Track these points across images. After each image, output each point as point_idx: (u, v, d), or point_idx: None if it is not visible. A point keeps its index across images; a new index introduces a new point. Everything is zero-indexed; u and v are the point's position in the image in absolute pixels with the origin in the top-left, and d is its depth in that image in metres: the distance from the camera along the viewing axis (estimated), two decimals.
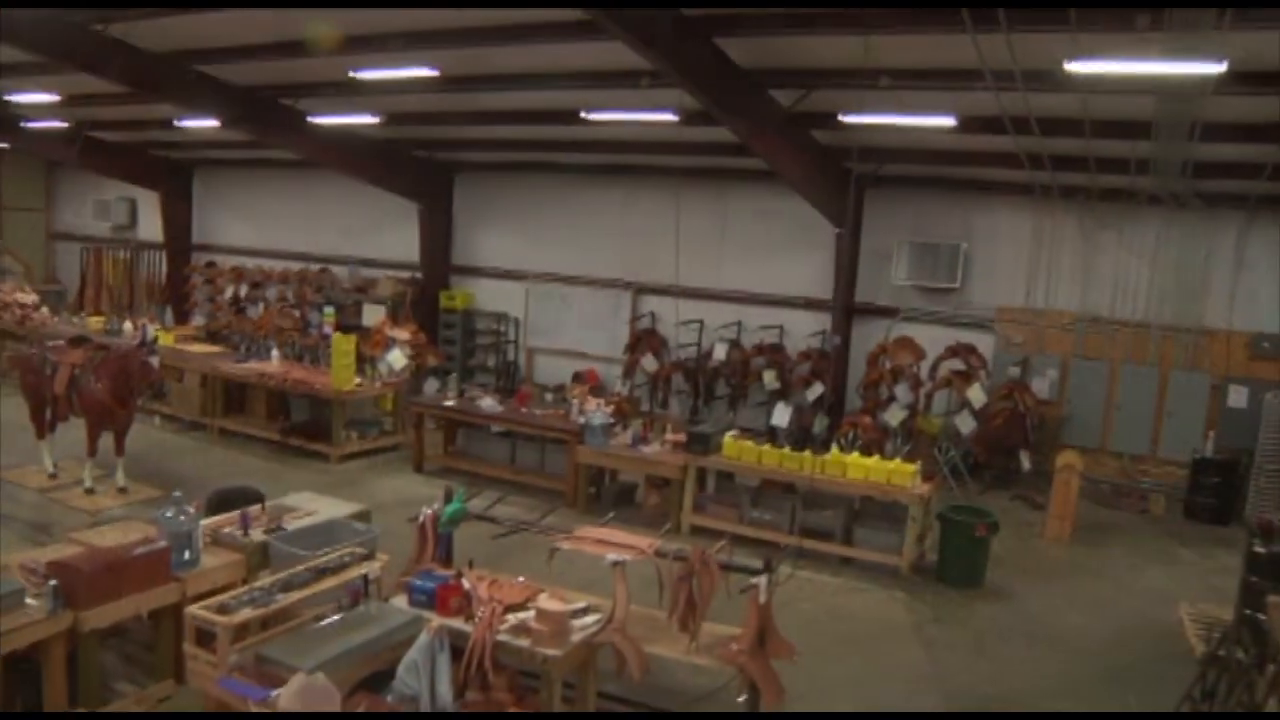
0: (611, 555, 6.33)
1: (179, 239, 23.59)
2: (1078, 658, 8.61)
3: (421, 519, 7.04)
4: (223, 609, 5.52)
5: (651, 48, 10.10)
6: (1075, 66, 8.68)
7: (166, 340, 15.60)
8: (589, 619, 6.38)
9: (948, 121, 11.60)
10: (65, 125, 19.61)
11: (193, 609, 5.58)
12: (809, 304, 16.28)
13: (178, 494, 6.98)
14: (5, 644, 5.70)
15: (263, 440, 14.24)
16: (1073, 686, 8.05)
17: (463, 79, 13.16)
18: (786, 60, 11.47)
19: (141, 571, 6.31)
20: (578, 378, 16.49)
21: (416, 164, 18.89)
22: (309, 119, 15.81)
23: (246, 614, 5.53)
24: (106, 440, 11.36)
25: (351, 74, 12.57)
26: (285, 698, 3.02)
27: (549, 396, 15.09)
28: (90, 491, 11.14)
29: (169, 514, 6.73)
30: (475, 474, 12.69)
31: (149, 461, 12.50)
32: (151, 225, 24.05)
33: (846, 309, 15.67)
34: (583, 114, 13.34)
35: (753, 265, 16.75)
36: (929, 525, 10.68)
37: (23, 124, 19.94)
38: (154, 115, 17.86)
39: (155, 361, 10.93)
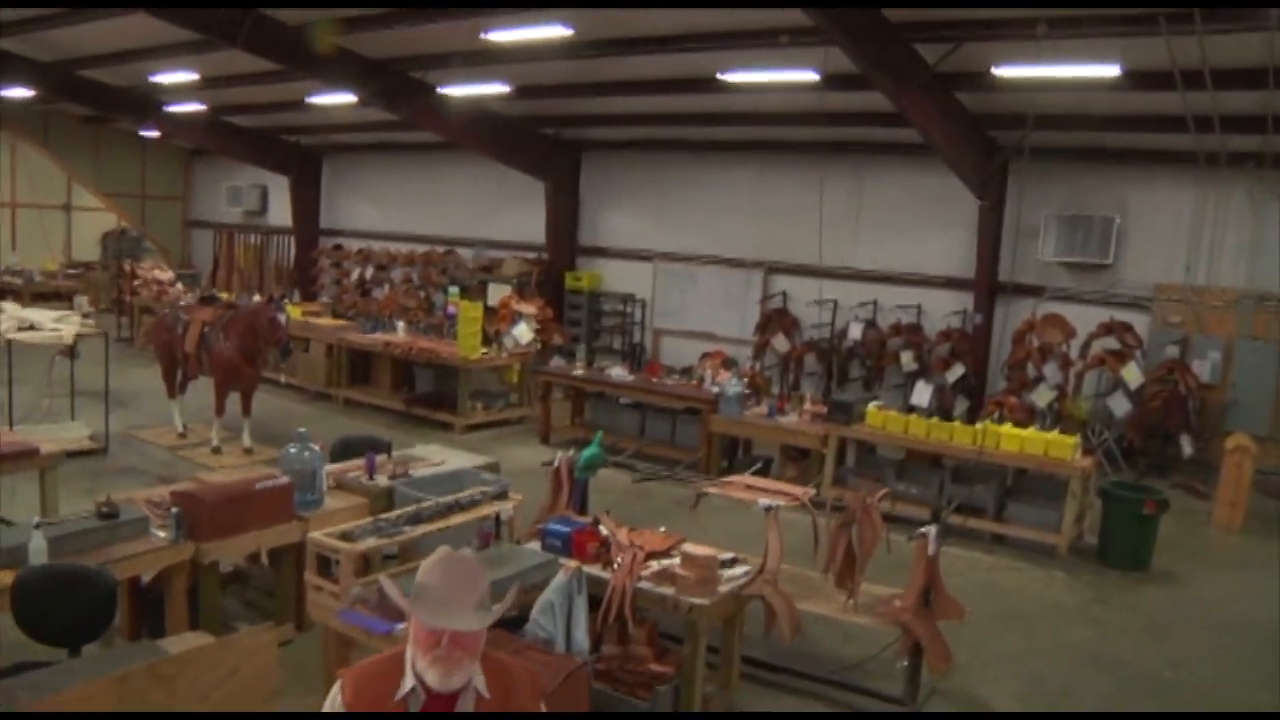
0: (764, 500, 5.80)
1: (307, 223, 23.88)
2: (1269, 649, 7.70)
3: (557, 463, 6.63)
4: (346, 537, 5.18)
5: None
6: None
7: (294, 314, 15.62)
8: (738, 570, 5.86)
9: (1111, 70, 10.63)
10: (202, 108, 19.90)
11: (316, 534, 5.25)
12: (949, 282, 15.47)
13: (303, 430, 6.70)
14: (129, 568, 5.54)
15: (387, 410, 14.07)
16: (1270, 679, 7.19)
17: (596, 42, 12.76)
18: (938, 11, 10.77)
19: (264, 506, 6.04)
20: (706, 358, 15.99)
21: (543, 142, 18.62)
22: (439, 90, 15.61)
23: (371, 543, 5.18)
24: (234, 403, 11.31)
25: (484, 35, 12.25)
26: (425, 567, 2.61)
27: (675, 378, 14.60)
28: (217, 450, 11.08)
29: (293, 450, 6.46)
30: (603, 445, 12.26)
31: (274, 426, 12.38)
32: (281, 211, 24.41)
33: (989, 287, 14.84)
34: (719, 75, 12.81)
35: (889, 243, 16.00)
36: (1088, 503, 9.89)
37: (164, 108, 20.30)
38: (287, 96, 18.00)
39: (282, 318, 10.81)
